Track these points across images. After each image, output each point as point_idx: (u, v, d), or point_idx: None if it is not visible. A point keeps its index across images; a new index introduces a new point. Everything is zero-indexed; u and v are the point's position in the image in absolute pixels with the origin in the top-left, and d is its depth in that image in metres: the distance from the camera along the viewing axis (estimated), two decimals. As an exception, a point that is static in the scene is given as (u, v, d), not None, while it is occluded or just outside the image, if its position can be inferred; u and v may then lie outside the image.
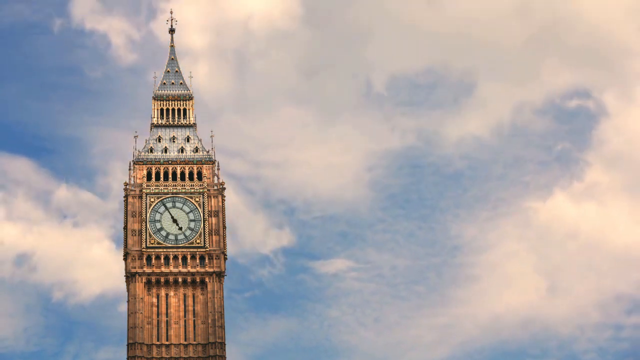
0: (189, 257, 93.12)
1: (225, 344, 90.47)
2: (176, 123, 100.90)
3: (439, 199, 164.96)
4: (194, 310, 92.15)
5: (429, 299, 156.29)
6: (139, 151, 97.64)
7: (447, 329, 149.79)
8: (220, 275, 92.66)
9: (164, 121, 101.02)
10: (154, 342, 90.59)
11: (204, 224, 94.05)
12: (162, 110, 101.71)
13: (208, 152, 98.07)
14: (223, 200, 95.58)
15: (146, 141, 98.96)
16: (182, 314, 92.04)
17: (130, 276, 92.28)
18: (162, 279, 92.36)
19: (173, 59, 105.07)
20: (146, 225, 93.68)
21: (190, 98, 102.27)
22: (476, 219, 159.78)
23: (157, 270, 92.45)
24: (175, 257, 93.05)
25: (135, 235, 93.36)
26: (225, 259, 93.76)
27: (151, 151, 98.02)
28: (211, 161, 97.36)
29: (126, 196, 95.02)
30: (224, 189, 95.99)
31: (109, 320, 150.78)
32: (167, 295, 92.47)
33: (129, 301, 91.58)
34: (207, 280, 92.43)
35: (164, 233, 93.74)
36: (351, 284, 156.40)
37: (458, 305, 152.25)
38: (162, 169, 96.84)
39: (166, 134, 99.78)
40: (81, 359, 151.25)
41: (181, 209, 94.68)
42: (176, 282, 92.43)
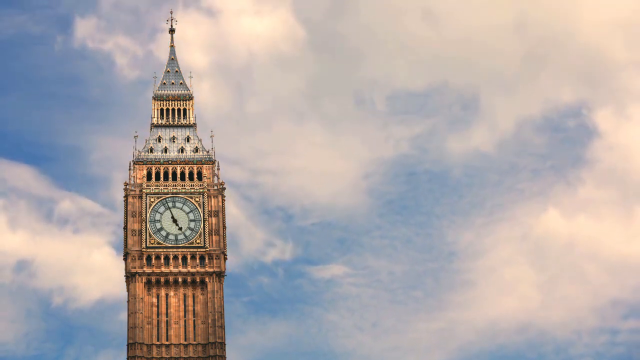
0: (189, 257, 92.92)
1: (225, 344, 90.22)
2: (176, 123, 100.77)
3: (435, 206, 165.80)
4: (194, 310, 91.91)
5: (426, 303, 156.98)
6: (138, 151, 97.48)
7: (444, 334, 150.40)
8: (220, 275, 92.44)
9: (164, 121, 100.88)
10: (154, 342, 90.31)
11: (204, 224, 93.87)
12: (162, 110, 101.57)
13: (208, 152, 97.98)
14: (223, 200, 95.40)
15: (146, 141, 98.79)
16: (182, 314, 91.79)
17: (130, 276, 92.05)
18: (162, 279, 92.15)
19: (173, 59, 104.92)
20: (146, 225, 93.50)
21: (190, 98, 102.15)
22: (472, 225, 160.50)
23: (157, 270, 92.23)
24: (175, 257, 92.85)
25: (135, 235, 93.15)
26: (225, 259, 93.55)
27: (151, 151, 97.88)
28: (211, 161, 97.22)
29: (126, 196, 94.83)
30: (224, 189, 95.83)
31: (109, 324, 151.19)
32: (167, 295, 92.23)
33: (129, 301, 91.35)
34: (207, 280, 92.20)
35: (164, 233, 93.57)
36: (349, 289, 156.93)
37: (455, 310, 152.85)
38: (162, 169, 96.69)
39: (166, 134, 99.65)
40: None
41: (181, 209, 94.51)
42: (176, 282, 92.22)
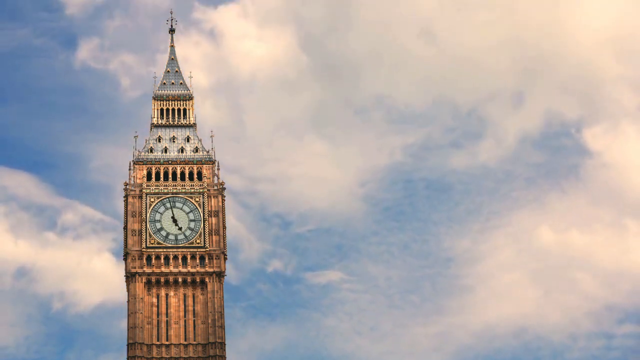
0: (189, 257, 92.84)
1: (225, 344, 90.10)
2: (176, 123, 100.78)
3: (432, 212, 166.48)
4: (194, 310, 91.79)
5: (424, 308, 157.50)
6: (138, 151, 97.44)
7: (441, 338, 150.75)
8: (220, 275, 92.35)
9: (164, 121, 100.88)
10: (154, 342, 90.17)
11: (204, 224, 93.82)
12: (162, 110, 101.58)
13: (208, 152, 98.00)
14: (223, 200, 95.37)
15: (146, 141, 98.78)
16: (182, 314, 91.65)
17: (130, 276, 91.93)
18: (162, 279, 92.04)
19: (173, 59, 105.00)
20: (146, 225, 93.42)
21: (190, 98, 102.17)
22: (469, 231, 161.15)
23: (157, 270, 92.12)
24: (175, 257, 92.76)
25: (135, 235, 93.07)
26: (225, 259, 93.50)
27: (151, 151, 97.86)
28: (211, 161, 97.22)
29: (126, 196, 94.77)
30: (224, 189, 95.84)
31: (109, 329, 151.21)
32: (167, 295, 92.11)
33: (128, 301, 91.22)
34: (207, 280, 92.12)
35: (164, 233, 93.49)
36: (346, 294, 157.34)
37: (452, 315, 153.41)
38: (162, 169, 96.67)
39: (166, 134, 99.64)
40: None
41: (181, 209, 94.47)
42: (176, 282, 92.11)
